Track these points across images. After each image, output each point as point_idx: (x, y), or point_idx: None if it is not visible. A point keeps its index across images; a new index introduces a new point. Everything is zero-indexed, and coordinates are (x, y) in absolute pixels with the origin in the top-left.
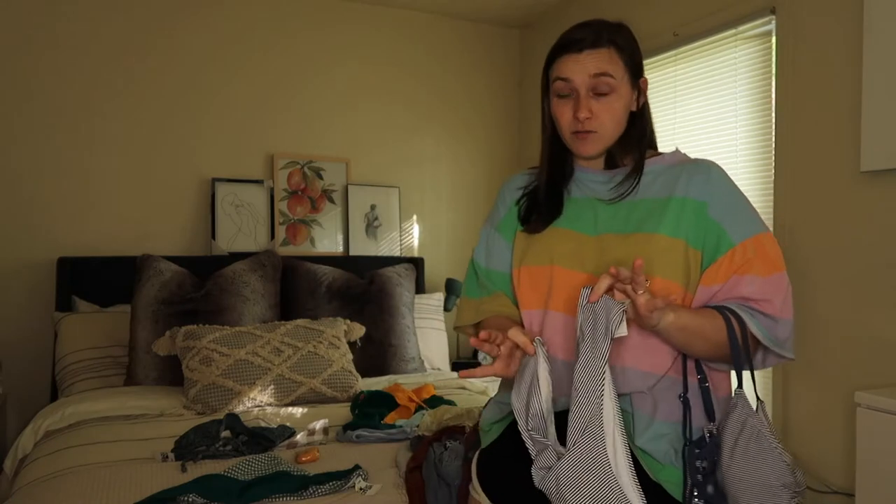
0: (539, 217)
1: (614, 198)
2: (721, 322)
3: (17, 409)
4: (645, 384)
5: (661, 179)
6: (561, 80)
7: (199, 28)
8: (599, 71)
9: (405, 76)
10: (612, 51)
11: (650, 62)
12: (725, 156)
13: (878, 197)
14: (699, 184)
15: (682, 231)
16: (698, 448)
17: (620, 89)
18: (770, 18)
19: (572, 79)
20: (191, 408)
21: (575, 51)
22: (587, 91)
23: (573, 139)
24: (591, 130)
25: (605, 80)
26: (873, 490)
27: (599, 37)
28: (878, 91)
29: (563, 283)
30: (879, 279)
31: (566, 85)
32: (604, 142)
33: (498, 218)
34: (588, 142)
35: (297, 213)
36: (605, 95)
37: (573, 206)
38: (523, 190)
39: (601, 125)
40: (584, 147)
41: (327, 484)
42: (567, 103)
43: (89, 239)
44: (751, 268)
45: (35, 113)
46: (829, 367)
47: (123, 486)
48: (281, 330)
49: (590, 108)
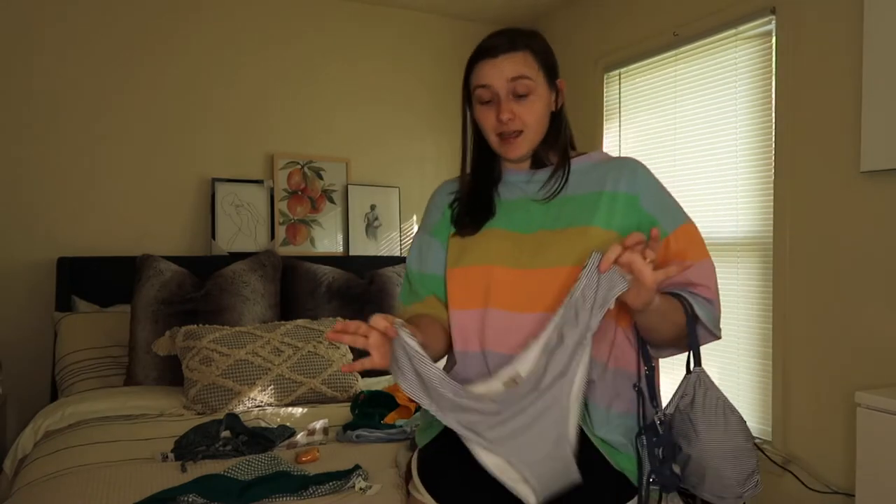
0: (472, 220)
1: (547, 195)
2: (678, 304)
3: (17, 409)
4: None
5: (589, 176)
6: (481, 87)
7: (199, 28)
8: (517, 74)
9: (405, 76)
10: (528, 54)
11: (650, 62)
12: (725, 156)
13: (878, 197)
14: (628, 178)
15: (614, 223)
16: (655, 436)
17: (539, 90)
18: (770, 18)
19: (491, 84)
20: (191, 408)
21: (491, 56)
22: (507, 94)
23: (500, 144)
24: (517, 130)
25: (524, 83)
26: (873, 490)
27: (514, 42)
28: (878, 91)
29: (502, 281)
30: (879, 279)
31: (486, 91)
32: (529, 142)
33: (431, 223)
34: (515, 144)
35: (297, 213)
36: (524, 97)
37: (506, 207)
38: (455, 194)
39: (525, 125)
40: (512, 150)
41: (327, 484)
42: (490, 109)
43: (89, 239)
44: (686, 255)
45: (35, 113)
46: (829, 367)
47: (123, 486)
48: (281, 330)
49: (511, 109)
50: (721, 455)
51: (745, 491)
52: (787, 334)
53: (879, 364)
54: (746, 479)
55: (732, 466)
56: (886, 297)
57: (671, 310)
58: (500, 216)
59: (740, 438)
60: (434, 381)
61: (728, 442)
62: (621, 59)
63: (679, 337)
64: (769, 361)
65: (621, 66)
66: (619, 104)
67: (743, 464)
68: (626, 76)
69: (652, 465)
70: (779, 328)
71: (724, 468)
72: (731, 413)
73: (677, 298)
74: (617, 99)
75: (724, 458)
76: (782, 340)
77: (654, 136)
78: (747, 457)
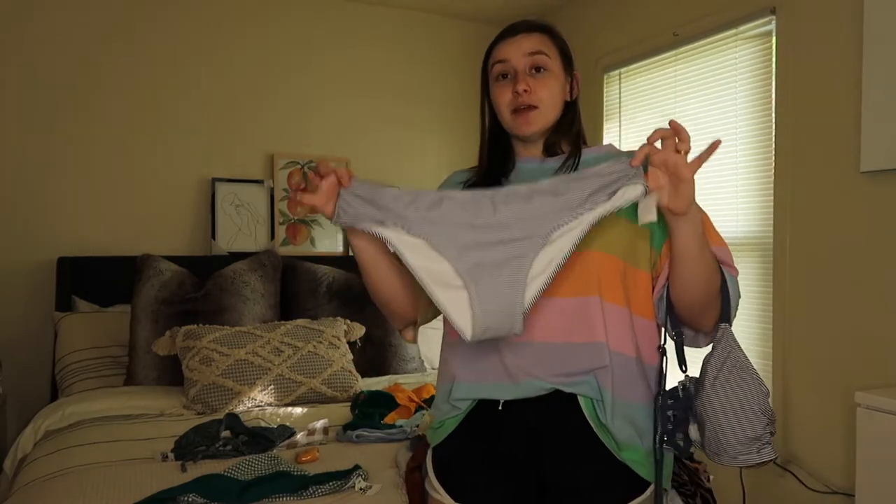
0: None
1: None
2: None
3: (17, 409)
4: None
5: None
6: (499, 63)
7: (199, 27)
8: (534, 49)
9: (406, 76)
10: (545, 36)
11: (650, 62)
12: (725, 156)
13: (878, 197)
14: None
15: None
16: (672, 398)
17: (555, 70)
18: (770, 18)
19: (509, 58)
20: (191, 408)
21: (510, 35)
22: (524, 69)
23: (514, 119)
24: (531, 105)
25: (541, 58)
26: (873, 490)
27: (533, 25)
28: (878, 91)
29: None
30: (879, 279)
31: (504, 66)
32: (543, 119)
33: None
34: (528, 119)
35: (296, 213)
36: (540, 72)
37: None
38: (464, 185)
39: (540, 100)
40: (525, 124)
41: (327, 484)
42: (506, 84)
43: (89, 239)
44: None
45: (35, 113)
46: (829, 367)
47: (123, 486)
48: (281, 330)
49: (527, 82)
50: (720, 410)
51: (744, 454)
52: (787, 334)
53: (879, 364)
54: (747, 443)
55: (732, 424)
56: (886, 297)
57: (707, 246)
58: None
59: (747, 398)
60: (403, 197)
61: (730, 398)
62: (621, 59)
63: (708, 297)
64: (769, 361)
65: (621, 66)
66: (619, 104)
67: (743, 424)
68: (626, 76)
69: (664, 427)
70: (779, 328)
71: (722, 424)
72: (746, 373)
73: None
74: (617, 99)
75: (723, 413)
76: (782, 340)
77: None
78: (749, 419)
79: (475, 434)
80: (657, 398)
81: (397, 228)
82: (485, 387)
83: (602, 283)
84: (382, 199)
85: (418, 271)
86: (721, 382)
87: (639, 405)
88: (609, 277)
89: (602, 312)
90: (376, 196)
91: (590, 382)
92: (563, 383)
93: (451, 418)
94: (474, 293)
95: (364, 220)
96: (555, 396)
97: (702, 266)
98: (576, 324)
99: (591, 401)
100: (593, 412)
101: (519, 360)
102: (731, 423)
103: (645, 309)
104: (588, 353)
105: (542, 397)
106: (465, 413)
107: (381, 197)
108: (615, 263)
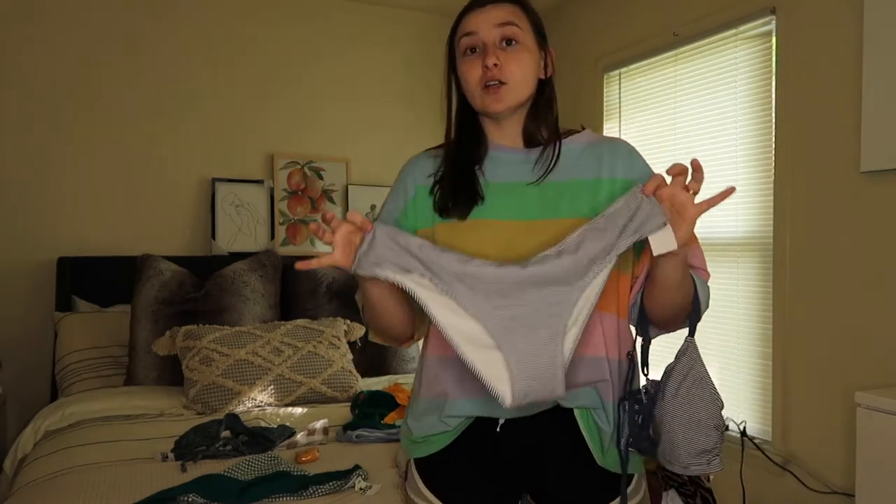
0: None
1: (539, 176)
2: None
3: (17, 409)
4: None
5: (583, 159)
6: (467, 36)
7: (199, 27)
8: (504, 20)
9: (405, 76)
10: (516, 7)
11: (650, 62)
12: (725, 156)
13: (878, 197)
14: (624, 162)
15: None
16: (636, 403)
17: (527, 42)
18: (770, 18)
19: (477, 30)
20: (191, 408)
21: (479, 6)
22: (494, 41)
23: (483, 95)
24: (502, 81)
25: (511, 29)
26: (873, 490)
27: None
28: (878, 91)
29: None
30: (879, 279)
31: (472, 38)
32: (514, 95)
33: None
34: (498, 95)
35: (297, 213)
36: (511, 44)
37: (495, 192)
38: (434, 176)
39: (511, 75)
40: (495, 101)
41: (327, 484)
42: (475, 59)
43: (89, 239)
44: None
45: (35, 113)
46: (829, 367)
47: (123, 486)
48: (281, 330)
49: (497, 55)
50: (676, 421)
51: (695, 465)
52: (787, 334)
53: (879, 364)
54: (699, 454)
55: (684, 435)
56: (886, 297)
57: (687, 274)
58: (490, 202)
59: (701, 412)
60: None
61: (686, 410)
62: (621, 59)
63: (682, 308)
64: (769, 361)
65: (621, 66)
66: (619, 104)
67: (696, 437)
68: (626, 76)
69: (631, 431)
70: (779, 328)
71: (678, 435)
72: (704, 388)
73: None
74: (617, 99)
75: (678, 424)
76: (782, 340)
77: (654, 137)
78: (703, 433)
79: (469, 450)
80: (622, 400)
81: (424, 281)
82: (482, 403)
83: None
84: (409, 245)
85: (447, 329)
86: (682, 396)
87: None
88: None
89: (600, 324)
90: (401, 240)
91: (588, 393)
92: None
93: (439, 434)
94: (510, 352)
95: (386, 268)
96: (553, 410)
97: (680, 292)
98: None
99: (587, 411)
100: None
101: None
102: (686, 436)
103: (626, 310)
104: (589, 368)
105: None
106: (457, 434)
107: (406, 242)
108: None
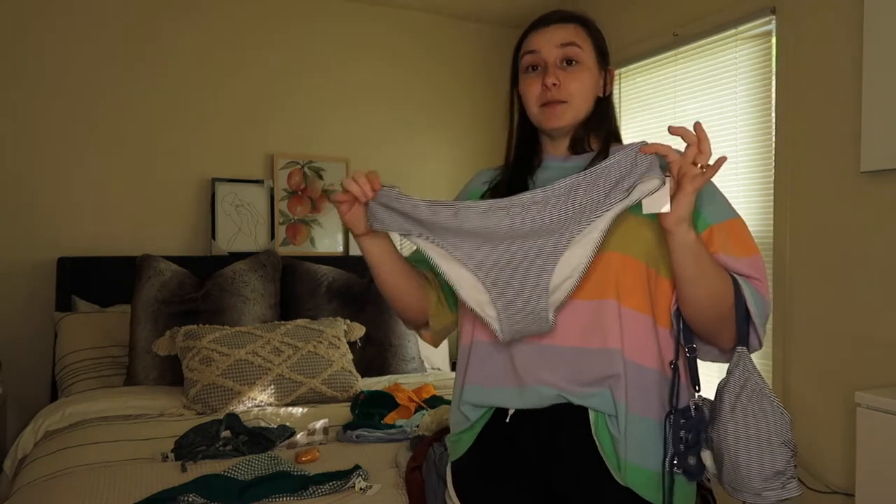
0: None
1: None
2: (726, 275)
3: (17, 409)
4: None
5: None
6: (529, 54)
7: (199, 27)
8: (566, 40)
9: (405, 76)
10: (580, 27)
11: (650, 62)
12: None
13: (878, 197)
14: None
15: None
16: (684, 418)
17: (587, 62)
18: (770, 18)
19: (539, 49)
20: (191, 408)
21: (543, 25)
22: (555, 61)
23: (541, 112)
24: (561, 100)
25: (573, 50)
26: (873, 490)
27: (567, 15)
28: (878, 91)
29: None
30: (879, 279)
31: (534, 57)
32: (572, 114)
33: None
34: (557, 112)
35: (297, 213)
36: (572, 65)
37: None
38: (489, 183)
39: (570, 95)
40: (553, 118)
41: (327, 484)
42: (535, 77)
43: (89, 239)
44: (730, 249)
45: (35, 113)
46: (829, 367)
47: (123, 486)
48: (281, 330)
49: (557, 76)
50: (737, 441)
51: (768, 490)
52: (787, 334)
53: (879, 364)
54: (771, 478)
55: (753, 457)
56: (886, 297)
57: (715, 274)
58: None
59: (765, 428)
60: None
61: (750, 429)
62: (621, 59)
63: (718, 313)
64: (769, 361)
65: (621, 67)
66: (619, 104)
67: (766, 458)
68: (626, 76)
69: (675, 449)
70: (779, 328)
71: (742, 457)
72: (763, 401)
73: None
74: (617, 99)
75: (740, 444)
76: (782, 340)
77: (654, 137)
78: (770, 452)
79: (487, 448)
80: (668, 416)
81: (421, 239)
82: (493, 392)
83: (620, 286)
84: (404, 207)
85: (449, 275)
86: (740, 412)
87: (650, 421)
88: (629, 281)
89: (619, 318)
90: (398, 205)
91: (603, 395)
92: (575, 393)
93: (466, 432)
94: (497, 299)
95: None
96: (565, 408)
97: (702, 289)
98: (590, 328)
99: (602, 416)
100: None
101: (528, 362)
102: (752, 457)
103: (665, 317)
104: (600, 360)
105: (552, 408)
106: (479, 429)
107: (402, 206)
108: (637, 267)
